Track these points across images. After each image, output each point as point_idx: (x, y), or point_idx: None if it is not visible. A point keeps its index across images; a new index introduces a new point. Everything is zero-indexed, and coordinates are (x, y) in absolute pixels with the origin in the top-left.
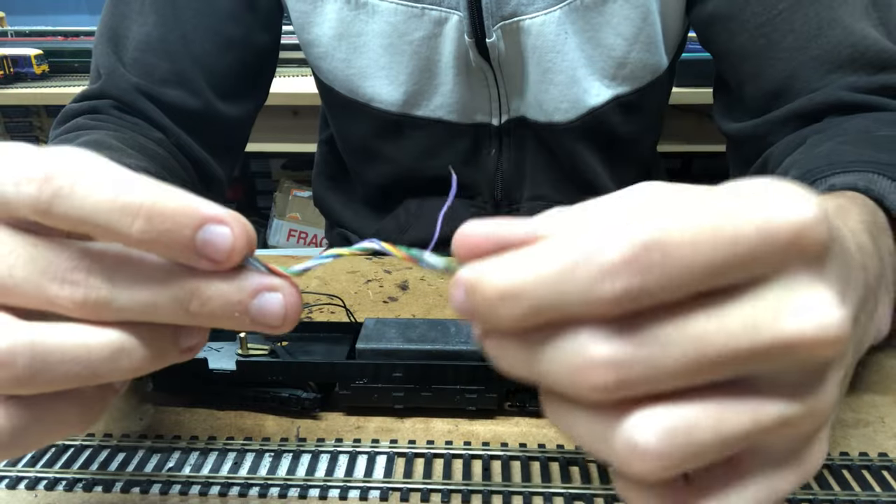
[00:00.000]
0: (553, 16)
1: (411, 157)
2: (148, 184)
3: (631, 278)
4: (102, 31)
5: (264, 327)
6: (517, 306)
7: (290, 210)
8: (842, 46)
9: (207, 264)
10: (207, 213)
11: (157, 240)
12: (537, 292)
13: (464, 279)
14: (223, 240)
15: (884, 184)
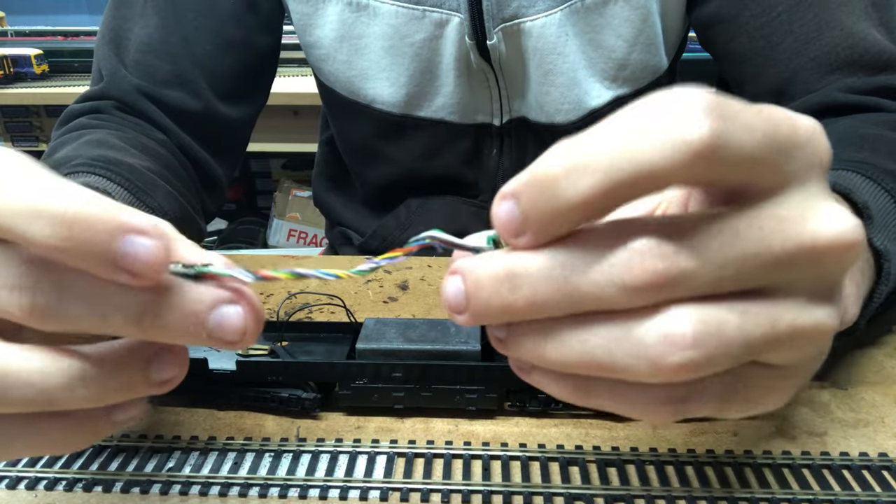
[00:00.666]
0: (554, 18)
1: (413, 157)
2: (68, 188)
3: (717, 122)
4: (104, 32)
5: (222, 343)
6: (587, 178)
7: (290, 210)
8: (840, 48)
9: (127, 278)
10: (127, 223)
11: (72, 248)
12: (613, 155)
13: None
14: (144, 252)
15: (854, 180)
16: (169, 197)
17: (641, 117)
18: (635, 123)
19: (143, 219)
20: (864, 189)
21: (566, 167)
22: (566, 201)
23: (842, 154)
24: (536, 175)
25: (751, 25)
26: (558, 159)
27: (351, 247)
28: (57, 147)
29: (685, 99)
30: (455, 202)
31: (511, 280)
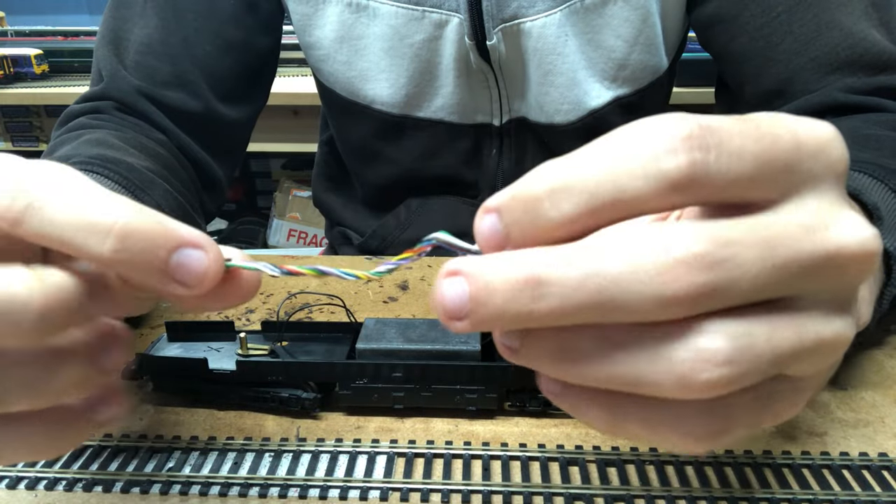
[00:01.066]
0: (553, 18)
1: (412, 157)
2: (124, 203)
3: (695, 153)
4: (104, 33)
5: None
6: (568, 200)
7: (290, 210)
8: (840, 48)
9: (179, 289)
10: (184, 237)
11: (131, 260)
12: (596, 181)
13: (499, 196)
14: (198, 264)
15: (862, 180)
16: (167, 196)
17: (625, 144)
18: (619, 150)
19: (195, 232)
20: (874, 190)
21: (550, 188)
22: (549, 220)
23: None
24: (520, 193)
25: (751, 26)
26: (542, 180)
27: (351, 247)
28: (56, 147)
29: (666, 129)
30: (454, 202)
31: (537, 287)
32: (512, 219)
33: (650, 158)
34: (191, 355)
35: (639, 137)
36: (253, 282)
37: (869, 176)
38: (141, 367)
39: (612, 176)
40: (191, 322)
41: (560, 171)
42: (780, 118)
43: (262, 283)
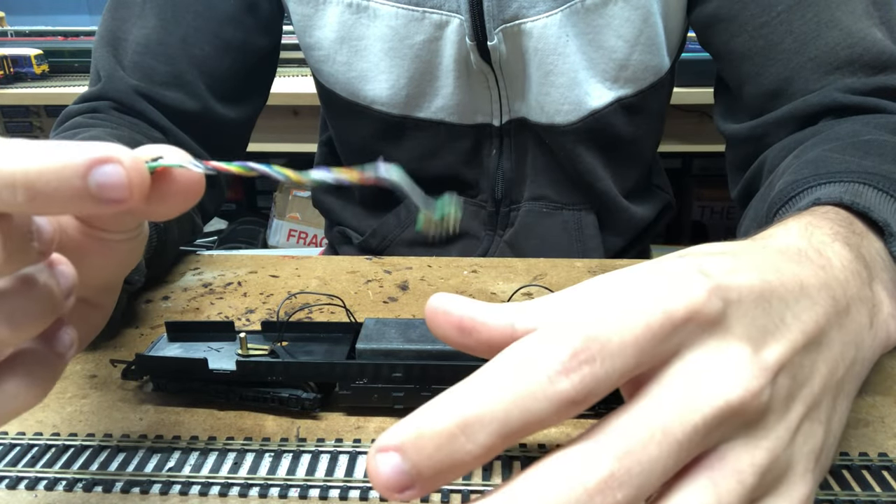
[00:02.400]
0: (554, 18)
1: (412, 158)
2: (25, 149)
3: (582, 369)
4: (102, 33)
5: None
6: (483, 431)
7: (290, 210)
8: (840, 48)
9: (116, 206)
10: (89, 157)
11: (52, 200)
12: (501, 407)
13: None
14: (117, 177)
15: (870, 195)
16: None
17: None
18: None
19: (101, 147)
20: (882, 206)
21: (463, 422)
22: (467, 454)
23: (849, 163)
24: (430, 430)
25: (750, 25)
26: (450, 414)
27: (351, 246)
28: None
29: (555, 350)
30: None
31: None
32: (424, 456)
33: (547, 382)
34: (191, 355)
35: (532, 357)
36: (192, 178)
37: (875, 188)
38: (141, 367)
39: (518, 403)
40: (191, 322)
41: (466, 402)
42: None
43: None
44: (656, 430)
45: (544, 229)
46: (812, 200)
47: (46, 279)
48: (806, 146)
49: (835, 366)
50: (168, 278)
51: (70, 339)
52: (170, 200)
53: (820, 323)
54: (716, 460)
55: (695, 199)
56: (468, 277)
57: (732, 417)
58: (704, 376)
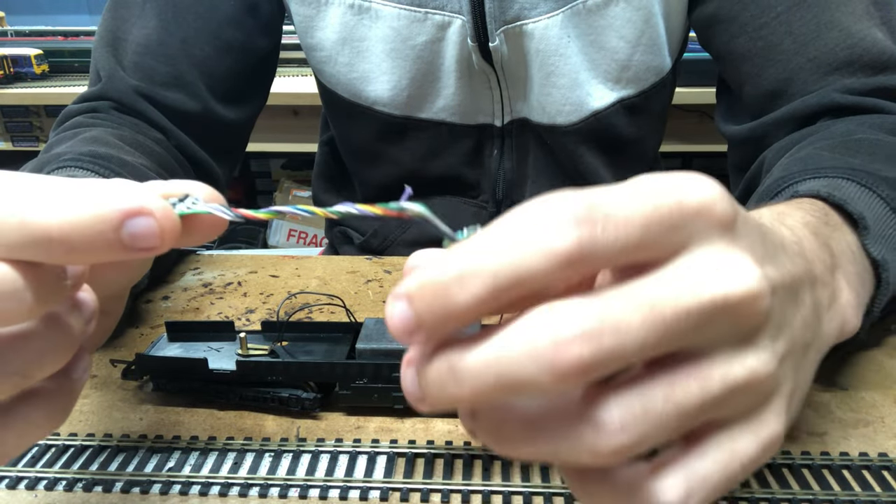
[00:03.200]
0: (556, 19)
1: (414, 158)
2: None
3: (582, 229)
4: (102, 33)
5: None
6: (475, 284)
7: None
8: (839, 48)
9: (147, 253)
10: (122, 210)
11: (86, 253)
12: (497, 264)
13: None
14: (149, 230)
15: (848, 189)
16: None
17: (519, 226)
18: (514, 233)
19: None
20: (860, 199)
21: (457, 274)
22: (459, 304)
23: (837, 160)
24: (429, 281)
25: (750, 26)
26: (449, 267)
27: (351, 246)
28: (52, 145)
29: (554, 209)
30: (456, 202)
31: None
32: (423, 304)
33: (542, 238)
34: (191, 355)
35: (531, 218)
36: (217, 219)
37: (857, 184)
38: (141, 367)
39: (510, 258)
40: (191, 322)
41: (464, 257)
42: (666, 181)
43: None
44: (644, 303)
45: None
46: (792, 193)
47: (70, 314)
48: (800, 145)
49: (805, 325)
50: (168, 278)
51: (86, 365)
52: (194, 237)
53: (799, 275)
54: (685, 357)
55: None
56: None
57: (726, 316)
58: (707, 268)
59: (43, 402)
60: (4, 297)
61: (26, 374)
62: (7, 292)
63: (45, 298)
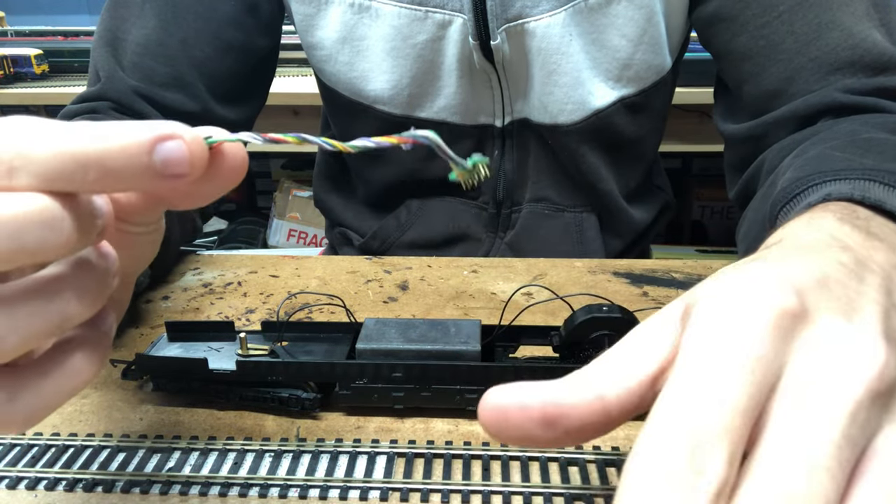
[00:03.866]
0: (557, 18)
1: (414, 158)
2: (89, 131)
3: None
4: (101, 33)
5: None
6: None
7: (290, 210)
8: (840, 48)
9: (177, 180)
10: (154, 134)
11: (120, 178)
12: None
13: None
14: (180, 152)
15: (877, 190)
16: None
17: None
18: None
19: (162, 124)
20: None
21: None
22: None
23: (850, 161)
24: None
25: (752, 24)
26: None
27: (351, 247)
28: None
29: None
30: (455, 203)
31: None
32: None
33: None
34: (191, 355)
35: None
36: (238, 156)
37: (880, 183)
38: (141, 367)
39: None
40: (191, 322)
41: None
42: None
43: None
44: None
45: (545, 231)
46: (822, 196)
47: (99, 259)
48: (805, 146)
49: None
50: (168, 278)
51: (112, 320)
52: (218, 179)
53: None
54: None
55: (695, 199)
56: (468, 277)
57: (876, 400)
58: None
59: (79, 350)
60: (46, 226)
61: (67, 316)
62: (47, 221)
63: (82, 231)
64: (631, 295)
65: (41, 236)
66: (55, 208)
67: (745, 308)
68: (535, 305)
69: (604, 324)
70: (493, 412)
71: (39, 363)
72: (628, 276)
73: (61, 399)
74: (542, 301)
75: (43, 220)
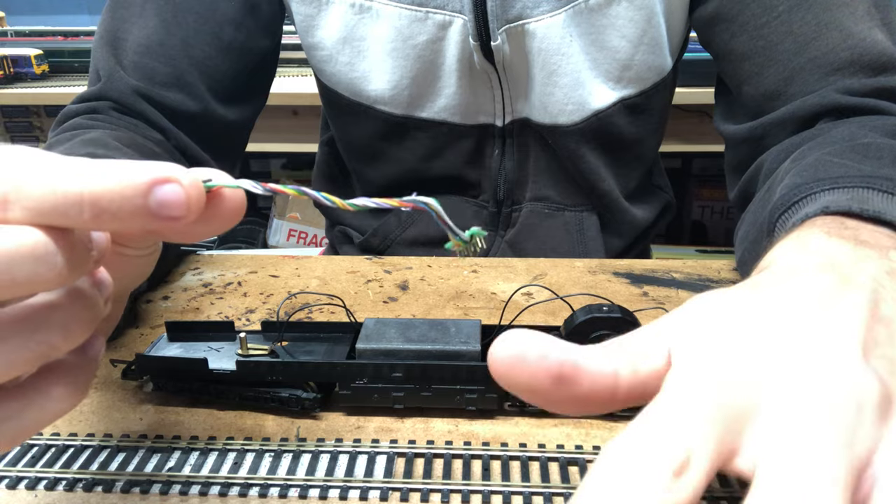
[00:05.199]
0: (558, 18)
1: (415, 158)
2: (89, 168)
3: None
4: (102, 33)
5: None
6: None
7: (290, 210)
8: (840, 49)
9: (173, 223)
10: (151, 177)
11: (114, 218)
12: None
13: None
14: (176, 196)
15: (875, 200)
16: None
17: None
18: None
19: (162, 167)
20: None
21: None
22: None
23: (848, 168)
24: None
25: (751, 25)
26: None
27: (352, 245)
28: (50, 147)
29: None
30: (457, 202)
31: None
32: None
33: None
34: (191, 355)
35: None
36: (237, 200)
37: (878, 191)
38: (141, 367)
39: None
40: (191, 322)
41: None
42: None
43: (245, 206)
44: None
45: (546, 230)
46: (820, 208)
47: (91, 288)
48: (803, 150)
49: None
50: (168, 278)
51: (100, 345)
52: (216, 221)
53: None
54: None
55: (695, 199)
56: (468, 277)
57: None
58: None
59: (63, 378)
60: (38, 260)
61: (53, 345)
62: (40, 256)
63: (74, 265)
64: (631, 295)
65: (33, 270)
66: (48, 243)
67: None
68: (535, 305)
69: (604, 324)
70: (509, 353)
71: (23, 388)
72: (628, 276)
73: (44, 423)
74: (542, 301)
75: (35, 254)
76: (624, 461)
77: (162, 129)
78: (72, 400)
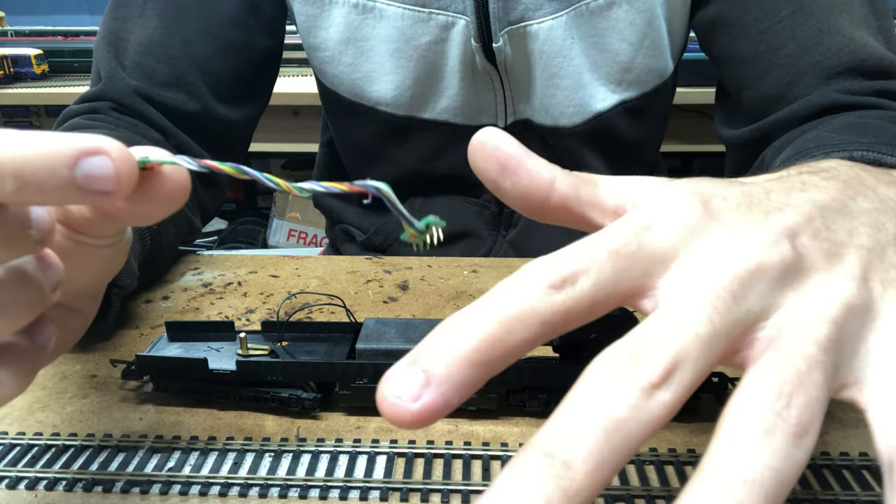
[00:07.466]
0: (559, 21)
1: (416, 158)
2: (14, 139)
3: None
4: (103, 33)
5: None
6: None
7: (290, 210)
8: (842, 54)
9: (103, 198)
10: (78, 148)
11: (39, 190)
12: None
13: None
14: (104, 168)
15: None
16: None
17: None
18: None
19: (92, 139)
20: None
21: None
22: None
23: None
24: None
25: (753, 29)
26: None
27: (353, 244)
28: None
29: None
30: (459, 201)
31: None
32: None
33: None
34: (191, 355)
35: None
36: (179, 179)
37: (876, 152)
38: (141, 367)
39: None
40: (191, 322)
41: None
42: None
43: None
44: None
45: (548, 230)
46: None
47: (36, 271)
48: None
49: (878, 223)
50: (168, 278)
51: (49, 333)
52: (155, 202)
53: (832, 195)
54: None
55: None
56: (468, 277)
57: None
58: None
59: (7, 363)
60: None
61: None
62: None
63: (6, 241)
64: None
65: None
66: None
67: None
68: None
69: (604, 323)
70: (478, 140)
71: None
72: None
73: None
74: None
75: None
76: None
77: (162, 129)
78: (14, 387)
